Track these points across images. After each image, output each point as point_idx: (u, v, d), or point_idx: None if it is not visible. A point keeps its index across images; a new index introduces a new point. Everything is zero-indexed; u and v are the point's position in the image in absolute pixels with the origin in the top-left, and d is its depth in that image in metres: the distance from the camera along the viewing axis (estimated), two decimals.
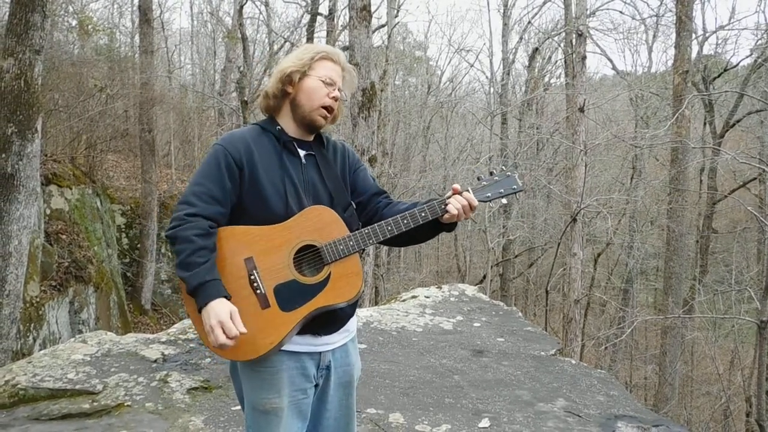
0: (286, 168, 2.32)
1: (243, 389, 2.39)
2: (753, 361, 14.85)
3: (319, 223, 2.26)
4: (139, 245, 17.14)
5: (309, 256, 2.26)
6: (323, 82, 2.35)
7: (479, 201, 2.34)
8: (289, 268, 2.22)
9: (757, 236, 20.25)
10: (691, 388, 18.33)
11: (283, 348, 2.27)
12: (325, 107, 2.35)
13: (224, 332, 2.07)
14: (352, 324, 2.52)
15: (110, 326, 13.01)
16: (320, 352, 2.36)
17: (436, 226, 2.36)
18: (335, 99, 2.36)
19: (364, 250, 2.32)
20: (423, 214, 2.28)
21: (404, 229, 2.28)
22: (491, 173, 2.39)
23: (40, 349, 9.90)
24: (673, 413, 13.78)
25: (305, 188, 2.33)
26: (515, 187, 2.36)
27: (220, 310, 2.11)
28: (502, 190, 2.36)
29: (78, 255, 12.15)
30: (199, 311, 2.14)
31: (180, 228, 2.18)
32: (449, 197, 2.31)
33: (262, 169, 2.29)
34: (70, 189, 13.03)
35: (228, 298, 2.14)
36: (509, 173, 2.37)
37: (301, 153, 2.37)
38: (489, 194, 2.36)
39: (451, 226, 2.37)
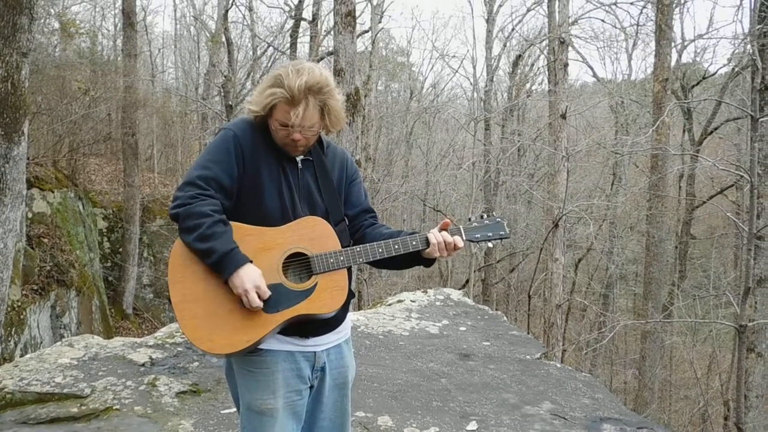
0: (283, 167, 2.35)
1: (238, 390, 2.42)
2: (731, 365, 15.07)
3: (313, 234, 2.31)
4: (121, 249, 17.04)
5: (298, 264, 2.30)
6: (281, 126, 2.28)
7: (467, 240, 2.47)
8: (277, 272, 2.26)
9: (734, 242, 20.57)
10: (669, 392, 18.52)
11: (276, 348, 2.31)
12: (289, 144, 2.33)
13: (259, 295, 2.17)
14: (346, 325, 2.56)
15: (92, 331, 12.90)
16: (315, 353, 2.40)
17: (415, 258, 2.44)
18: (295, 140, 2.30)
19: (351, 267, 2.38)
20: (414, 243, 2.38)
21: (394, 254, 2.37)
22: (481, 216, 2.53)
23: (22, 354, 9.81)
24: (652, 417, 13.92)
25: (300, 192, 2.36)
26: (502, 233, 2.52)
27: (252, 273, 2.17)
28: (490, 234, 2.51)
29: (60, 259, 12.06)
30: (227, 279, 2.18)
31: (194, 204, 2.20)
32: (437, 231, 2.41)
33: (264, 162, 2.32)
34: (53, 192, 12.94)
35: (251, 262, 2.21)
36: (499, 219, 2.53)
37: (298, 157, 2.39)
38: (478, 235, 2.50)
39: (429, 262, 2.47)
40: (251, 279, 2.16)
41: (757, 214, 10.41)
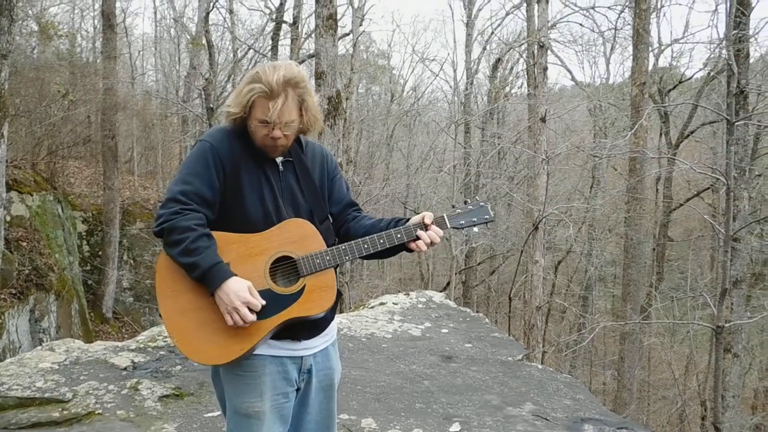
0: (264, 171, 2.35)
1: (225, 393, 2.42)
2: (708, 365, 15.26)
3: (297, 236, 2.31)
4: (100, 253, 16.90)
5: (285, 267, 2.30)
6: (260, 123, 2.27)
7: (452, 227, 2.47)
8: (264, 277, 2.25)
9: (710, 244, 20.83)
10: (648, 393, 18.72)
11: (264, 352, 2.31)
12: (269, 144, 2.33)
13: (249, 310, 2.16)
14: (333, 328, 2.56)
15: (72, 335, 12.76)
16: (302, 356, 2.40)
17: (400, 246, 2.44)
18: (275, 138, 2.29)
19: (339, 265, 2.38)
20: (399, 236, 2.38)
21: (379, 249, 2.37)
22: (465, 202, 2.52)
23: (0, 359, 9.69)
24: (631, 418, 14.05)
25: (282, 194, 2.36)
26: (487, 217, 2.50)
27: (239, 288, 2.16)
28: (475, 219, 2.49)
29: (39, 262, 11.94)
30: (212, 293, 2.17)
31: (178, 219, 2.19)
32: (420, 225, 2.41)
33: (244, 170, 2.32)
34: (31, 195, 12.83)
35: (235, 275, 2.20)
36: (482, 203, 2.51)
37: (279, 159, 2.39)
38: (462, 222, 2.49)
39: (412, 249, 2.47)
40: (238, 295, 2.16)
41: (733, 217, 10.58)
